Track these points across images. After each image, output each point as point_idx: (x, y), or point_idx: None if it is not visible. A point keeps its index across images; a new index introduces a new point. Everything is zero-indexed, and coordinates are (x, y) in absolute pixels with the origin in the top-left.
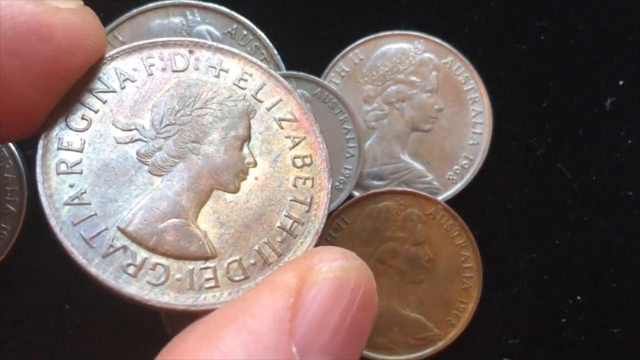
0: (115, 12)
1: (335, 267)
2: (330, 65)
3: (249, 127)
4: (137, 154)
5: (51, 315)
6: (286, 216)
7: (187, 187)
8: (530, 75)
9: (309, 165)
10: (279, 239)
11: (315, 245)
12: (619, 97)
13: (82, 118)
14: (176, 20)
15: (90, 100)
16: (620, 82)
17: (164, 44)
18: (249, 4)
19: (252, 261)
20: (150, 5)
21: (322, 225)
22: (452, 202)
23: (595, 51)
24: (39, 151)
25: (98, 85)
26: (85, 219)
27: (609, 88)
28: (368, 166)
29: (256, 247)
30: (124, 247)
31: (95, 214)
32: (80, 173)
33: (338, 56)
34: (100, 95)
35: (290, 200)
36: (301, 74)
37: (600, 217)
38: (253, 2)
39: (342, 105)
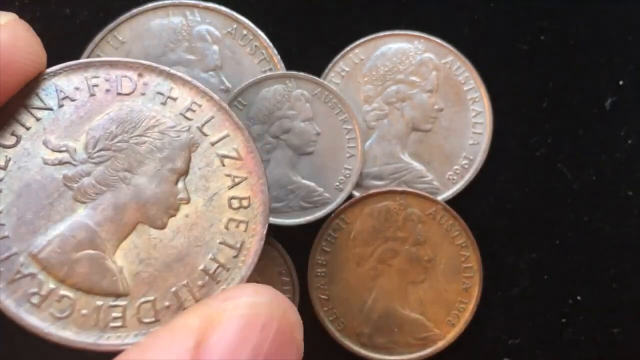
0: (115, 12)
1: (242, 303)
2: (330, 65)
3: (189, 160)
4: (63, 177)
5: None
6: (212, 259)
7: (110, 218)
8: (530, 75)
9: (245, 207)
10: (200, 282)
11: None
12: (619, 97)
13: (12, 134)
14: (176, 20)
15: (24, 116)
16: (620, 82)
17: (113, 64)
18: (249, 4)
19: (166, 304)
20: (150, 5)
21: (249, 273)
22: (452, 202)
23: (595, 51)
24: None
25: (34, 101)
26: None
27: (609, 88)
28: (368, 166)
29: (173, 289)
30: (32, 275)
31: (8, 237)
32: (0, 191)
33: (338, 56)
34: (35, 111)
35: (219, 243)
36: (301, 74)
37: (600, 217)
38: (253, 2)
39: (342, 105)
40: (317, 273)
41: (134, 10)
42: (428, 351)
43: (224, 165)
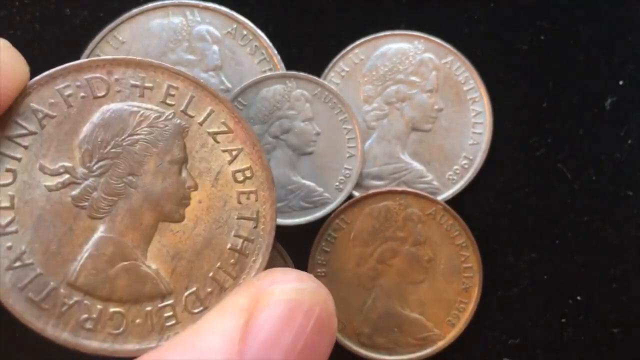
0: (115, 12)
1: (289, 288)
2: (330, 65)
3: (184, 147)
4: (72, 199)
5: None
6: (236, 236)
7: (131, 225)
8: (530, 75)
9: (250, 178)
10: (231, 261)
11: (268, 259)
12: (619, 97)
13: (7, 170)
14: (176, 20)
15: (11, 148)
16: (620, 82)
17: (78, 68)
18: (249, 4)
19: (208, 290)
20: (150, 5)
21: (271, 239)
22: (452, 202)
23: (595, 51)
24: None
25: (15, 129)
26: (31, 280)
27: (609, 88)
28: (368, 166)
29: (210, 274)
30: (78, 302)
31: (41, 274)
32: (17, 232)
33: (338, 56)
34: (20, 140)
35: (237, 219)
36: (301, 74)
37: (600, 217)
38: (253, 2)
39: (342, 105)
40: (317, 273)
41: (134, 10)
42: (428, 351)
43: (217, 142)
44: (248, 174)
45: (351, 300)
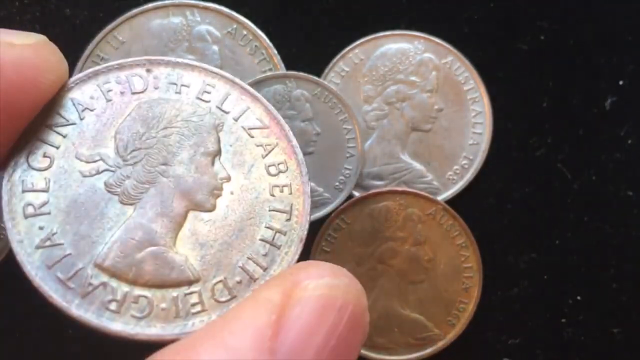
0: (115, 12)
1: (322, 284)
2: (330, 65)
3: (218, 141)
4: (105, 185)
5: (51, 315)
6: (267, 227)
7: (161, 213)
8: (530, 75)
9: (284, 171)
10: (262, 252)
11: (301, 253)
12: (619, 97)
13: (44, 156)
14: (176, 20)
15: (50, 136)
16: (620, 82)
17: (120, 67)
18: (249, 4)
19: (237, 279)
20: (150, 5)
21: (305, 232)
22: (452, 202)
23: (595, 51)
24: (4, 197)
25: (56, 119)
26: (60, 260)
27: (609, 88)
28: (368, 166)
29: (240, 264)
30: (104, 284)
31: (70, 254)
32: (49, 214)
33: (338, 56)
34: (60, 129)
35: (270, 211)
36: (301, 74)
37: (600, 217)
38: (253, 2)
39: (342, 105)
40: None
41: (134, 10)
42: (428, 351)
43: (252, 136)
44: (282, 167)
45: None
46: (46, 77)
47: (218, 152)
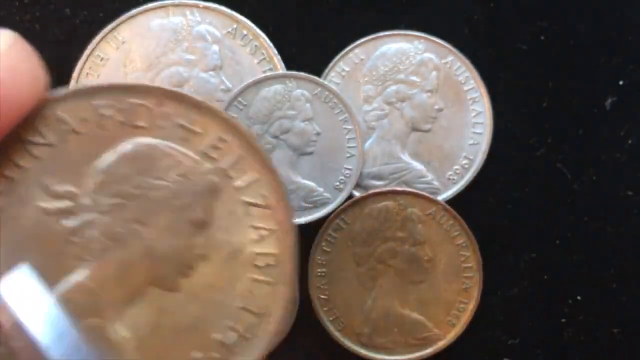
0: (115, 12)
1: None
2: (330, 65)
3: (209, 209)
4: (64, 229)
5: None
6: (230, 328)
7: (116, 279)
8: (530, 75)
9: (272, 266)
10: (215, 355)
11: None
12: (619, 97)
13: (3, 175)
14: (176, 20)
15: (19, 154)
16: (620, 82)
17: (125, 89)
18: (249, 4)
19: None
20: (150, 5)
21: (272, 344)
22: (452, 202)
23: (595, 51)
24: None
25: (32, 135)
26: None
27: (609, 88)
28: (368, 166)
29: None
30: None
31: None
32: None
33: (338, 56)
34: (32, 148)
35: (240, 308)
36: (301, 74)
37: (600, 217)
38: (253, 2)
39: (342, 105)
40: (317, 273)
41: (134, 10)
42: (428, 351)
43: (249, 214)
44: (271, 261)
45: (351, 300)
46: (25, 83)
47: (205, 223)
